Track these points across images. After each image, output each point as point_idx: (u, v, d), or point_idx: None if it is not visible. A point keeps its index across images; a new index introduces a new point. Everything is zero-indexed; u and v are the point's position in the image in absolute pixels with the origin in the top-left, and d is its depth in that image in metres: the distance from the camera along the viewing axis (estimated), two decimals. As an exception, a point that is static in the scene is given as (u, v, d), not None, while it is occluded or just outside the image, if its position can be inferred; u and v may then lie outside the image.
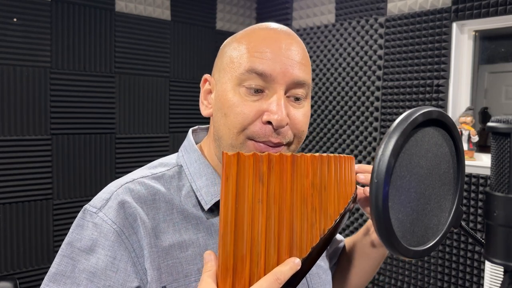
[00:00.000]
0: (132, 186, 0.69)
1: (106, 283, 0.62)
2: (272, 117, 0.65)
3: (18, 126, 2.46)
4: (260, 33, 0.70)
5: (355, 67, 2.89)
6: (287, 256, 0.56)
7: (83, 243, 0.64)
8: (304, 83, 0.69)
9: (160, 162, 0.77)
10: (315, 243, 0.59)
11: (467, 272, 2.37)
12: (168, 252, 0.66)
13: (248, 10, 3.52)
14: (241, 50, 0.69)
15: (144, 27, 2.91)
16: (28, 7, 2.46)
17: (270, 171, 0.55)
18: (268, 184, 0.55)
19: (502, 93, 2.69)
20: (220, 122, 0.69)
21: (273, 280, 0.52)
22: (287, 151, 0.70)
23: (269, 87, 0.67)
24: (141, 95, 2.93)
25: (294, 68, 0.68)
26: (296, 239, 0.57)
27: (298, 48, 0.70)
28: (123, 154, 2.87)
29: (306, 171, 0.59)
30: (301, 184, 0.58)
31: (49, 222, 2.59)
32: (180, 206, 0.70)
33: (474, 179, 2.34)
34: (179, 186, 0.72)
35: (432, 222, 0.62)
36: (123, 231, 0.64)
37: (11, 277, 2.05)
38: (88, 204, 0.68)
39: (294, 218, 0.57)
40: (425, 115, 0.57)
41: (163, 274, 0.65)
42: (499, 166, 0.52)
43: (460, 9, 2.38)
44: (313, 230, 0.59)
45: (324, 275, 0.83)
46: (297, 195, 0.58)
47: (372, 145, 2.82)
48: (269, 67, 0.66)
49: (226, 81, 0.69)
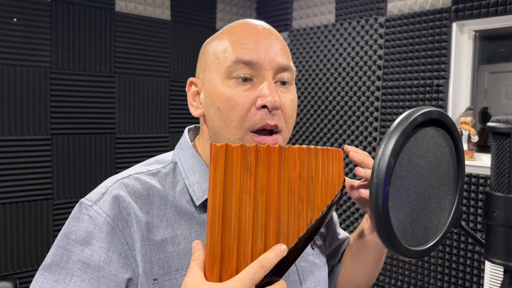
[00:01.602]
0: (127, 182, 0.71)
1: (99, 273, 0.64)
2: (266, 100, 0.68)
3: (18, 126, 2.46)
4: (239, 28, 0.74)
5: (355, 67, 2.89)
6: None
7: (78, 234, 0.66)
8: (288, 67, 0.73)
9: (156, 159, 0.79)
10: (302, 233, 0.60)
11: (467, 272, 2.37)
12: (160, 246, 0.68)
13: (248, 10, 3.52)
14: (224, 45, 0.71)
15: (144, 27, 2.91)
16: (28, 7, 2.46)
17: (257, 162, 0.56)
18: (255, 175, 0.56)
19: (502, 93, 2.69)
20: (214, 117, 0.71)
21: (259, 267, 0.54)
22: (282, 140, 0.72)
23: (257, 74, 0.70)
24: (141, 95, 2.93)
25: (277, 54, 0.71)
26: (283, 229, 0.58)
27: (276, 38, 0.74)
28: (123, 154, 2.87)
29: (294, 162, 0.60)
30: (288, 175, 0.59)
31: (49, 222, 2.59)
32: (174, 202, 0.72)
33: (474, 179, 2.34)
34: (173, 183, 0.74)
35: (432, 222, 0.62)
36: (116, 224, 0.66)
37: (11, 277, 2.05)
38: (85, 197, 0.70)
39: (281, 208, 0.58)
40: (425, 115, 0.57)
41: (155, 267, 0.67)
42: (499, 166, 0.52)
43: (460, 9, 2.38)
44: (300, 221, 0.60)
45: (318, 272, 0.83)
46: (285, 186, 0.59)
47: (372, 145, 2.82)
48: (254, 55, 0.69)
49: (214, 77, 0.71)
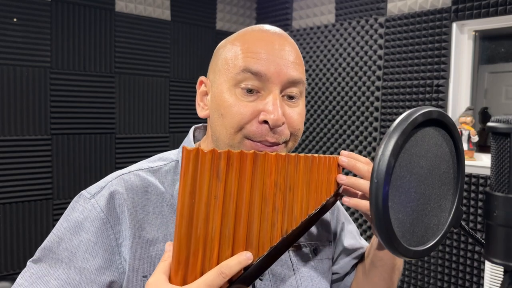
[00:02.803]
0: (127, 177, 0.72)
1: (82, 264, 0.66)
2: (269, 116, 0.66)
3: (18, 126, 2.46)
4: (253, 35, 0.71)
5: (355, 67, 2.89)
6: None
7: (71, 223, 0.68)
8: (298, 82, 0.70)
9: (160, 156, 0.79)
10: (275, 242, 0.59)
11: (467, 272, 2.37)
12: (152, 244, 0.68)
13: (248, 10, 3.52)
14: (235, 51, 0.70)
15: (144, 27, 2.91)
16: (28, 7, 2.46)
17: (228, 168, 0.55)
18: (226, 181, 0.55)
19: (502, 93, 2.70)
20: (217, 122, 0.71)
21: (217, 273, 0.53)
22: (284, 149, 0.71)
23: (265, 87, 0.68)
24: (141, 95, 2.93)
25: (288, 67, 0.69)
26: (253, 238, 0.57)
27: (291, 48, 0.71)
28: (123, 154, 2.87)
29: (270, 169, 0.59)
30: (262, 182, 0.58)
31: (49, 222, 2.59)
32: (171, 200, 0.72)
33: (474, 179, 2.34)
34: (173, 181, 0.74)
35: (432, 222, 0.62)
36: (108, 220, 0.67)
37: (11, 277, 2.05)
38: (85, 190, 0.72)
39: (253, 216, 0.57)
40: (425, 115, 0.57)
41: (145, 265, 0.67)
42: (499, 166, 0.52)
43: (460, 9, 2.38)
44: (274, 230, 0.59)
45: (318, 279, 0.81)
46: (258, 193, 0.58)
47: (372, 145, 2.82)
48: (263, 67, 0.67)
49: (221, 82, 0.70)
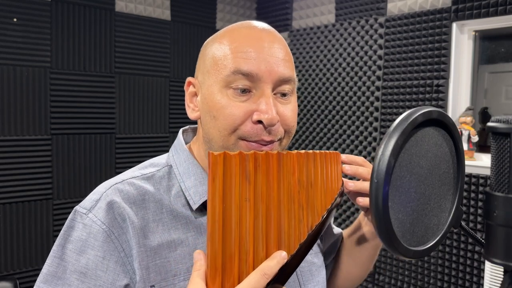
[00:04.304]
0: (121, 187, 0.70)
1: (96, 282, 0.63)
2: (263, 116, 0.66)
3: (18, 126, 2.46)
4: (241, 32, 0.70)
5: (355, 67, 2.89)
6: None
7: (74, 244, 0.65)
8: (289, 79, 0.70)
9: (151, 162, 0.77)
10: (303, 239, 0.60)
11: (467, 272, 2.37)
12: (157, 252, 0.67)
13: (248, 10, 3.52)
14: (224, 50, 0.68)
15: (144, 27, 2.91)
16: (28, 7, 2.46)
17: (256, 170, 0.55)
18: (255, 183, 0.55)
19: (502, 93, 2.69)
20: (209, 125, 0.69)
21: (260, 275, 0.53)
22: (279, 147, 0.71)
23: (256, 86, 0.67)
24: (141, 95, 2.93)
25: (279, 65, 0.68)
26: (284, 236, 0.57)
27: (280, 45, 0.70)
28: (123, 154, 2.87)
29: (293, 168, 0.60)
30: (287, 181, 0.59)
31: (49, 222, 2.59)
32: (170, 206, 0.71)
33: (474, 179, 2.34)
34: (169, 186, 0.73)
35: (432, 222, 0.62)
36: (112, 231, 0.65)
37: (11, 277, 2.05)
38: (78, 205, 0.69)
39: (282, 215, 0.58)
40: (425, 115, 0.57)
41: (152, 274, 0.66)
42: (499, 166, 0.52)
43: (460, 9, 2.38)
44: (301, 227, 0.60)
45: (316, 272, 0.83)
46: (284, 192, 0.58)
47: (372, 145, 2.82)
48: (254, 66, 0.66)
49: (211, 83, 0.69)
